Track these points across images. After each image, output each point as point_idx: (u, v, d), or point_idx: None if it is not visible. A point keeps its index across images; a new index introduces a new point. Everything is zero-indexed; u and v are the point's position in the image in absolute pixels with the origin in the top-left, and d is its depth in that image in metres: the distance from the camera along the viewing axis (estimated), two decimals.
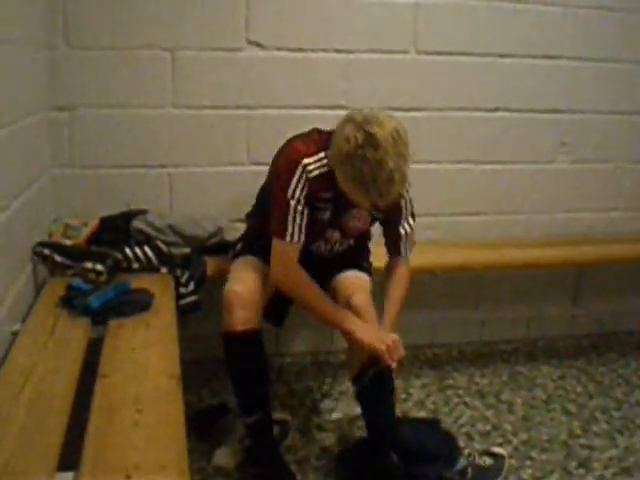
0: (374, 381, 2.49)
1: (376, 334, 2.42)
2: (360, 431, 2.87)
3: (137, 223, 2.97)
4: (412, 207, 2.61)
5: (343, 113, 2.35)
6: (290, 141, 2.54)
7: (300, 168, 2.39)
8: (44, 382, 1.91)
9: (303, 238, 2.44)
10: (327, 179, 2.38)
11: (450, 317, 3.81)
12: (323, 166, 2.39)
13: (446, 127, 3.52)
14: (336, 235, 2.62)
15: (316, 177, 2.39)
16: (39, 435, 1.64)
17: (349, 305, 2.51)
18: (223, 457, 2.66)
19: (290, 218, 2.41)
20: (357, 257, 2.78)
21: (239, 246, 2.81)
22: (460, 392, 3.34)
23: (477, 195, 3.67)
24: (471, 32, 3.42)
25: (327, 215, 2.52)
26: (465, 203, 3.66)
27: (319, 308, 2.48)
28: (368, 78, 3.33)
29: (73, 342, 2.18)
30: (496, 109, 3.56)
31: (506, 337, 3.92)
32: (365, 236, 2.84)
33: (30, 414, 1.74)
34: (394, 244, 2.64)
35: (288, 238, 2.42)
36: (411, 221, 2.62)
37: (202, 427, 2.85)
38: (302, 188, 2.40)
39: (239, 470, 2.63)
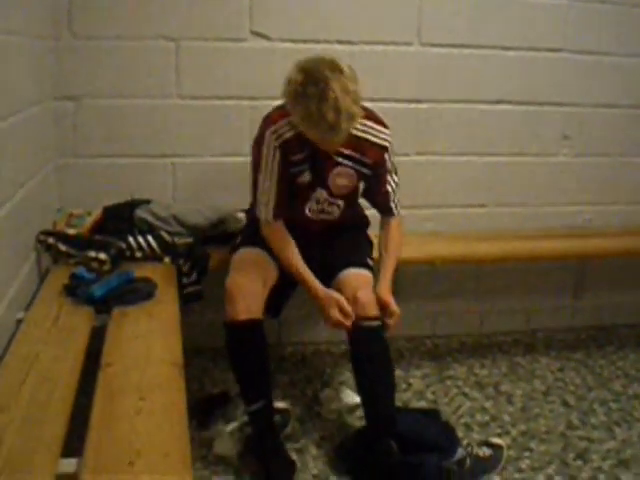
0: (369, 340, 2.58)
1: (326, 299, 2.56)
2: (360, 421, 2.88)
3: (140, 213, 2.99)
4: (394, 163, 2.69)
5: None
6: (262, 121, 2.67)
7: (267, 138, 2.52)
8: (48, 370, 1.93)
9: (276, 215, 2.59)
10: (297, 140, 2.48)
11: (450, 309, 3.83)
12: (290, 129, 2.48)
13: (448, 119, 3.53)
14: (324, 194, 2.66)
15: (285, 141, 2.50)
16: (43, 422, 1.66)
17: (355, 300, 2.56)
18: (224, 445, 2.67)
19: (260, 192, 2.59)
20: (360, 253, 2.80)
21: (239, 239, 2.85)
22: (459, 383, 3.36)
23: (478, 187, 3.68)
24: (474, 24, 3.42)
25: (307, 177, 2.59)
26: (466, 195, 3.67)
27: (301, 277, 2.62)
28: (371, 69, 3.33)
29: (76, 330, 2.20)
30: (498, 101, 3.57)
31: (506, 329, 3.94)
32: (363, 220, 2.89)
33: (34, 401, 1.75)
34: (383, 203, 2.74)
35: (263, 216, 2.61)
36: (395, 178, 2.71)
37: (203, 415, 2.87)
38: (272, 156, 2.52)
39: (240, 458, 2.65)
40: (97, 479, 1.47)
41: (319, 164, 2.56)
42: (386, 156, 2.64)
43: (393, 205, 2.73)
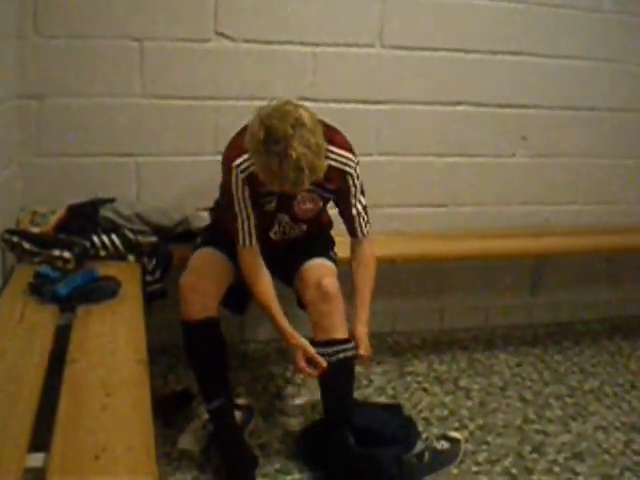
0: (338, 364, 2.57)
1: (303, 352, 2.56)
2: (322, 416, 2.93)
3: (105, 211, 3.00)
4: (361, 185, 2.66)
5: (310, 105, 2.39)
6: (228, 144, 2.62)
7: (233, 172, 2.48)
8: (14, 367, 1.95)
9: (255, 241, 2.58)
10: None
11: (411, 306, 3.89)
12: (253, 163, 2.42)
13: (410, 120, 3.57)
14: (285, 219, 2.67)
15: (250, 174, 2.44)
16: (10, 419, 1.68)
17: (319, 287, 2.58)
18: (188, 441, 2.70)
19: (238, 226, 2.55)
20: (323, 247, 2.84)
21: (199, 239, 2.87)
22: (419, 378, 3.42)
23: (439, 187, 3.73)
24: (435, 27, 3.47)
25: (273, 205, 2.59)
26: (427, 195, 3.72)
27: (271, 316, 2.62)
28: (334, 71, 3.37)
29: (42, 329, 2.22)
30: (459, 103, 3.63)
31: (465, 325, 4.01)
32: (325, 224, 2.91)
33: (0, 398, 1.77)
34: (350, 226, 2.72)
35: (241, 243, 2.57)
36: (362, 199, 2.69)
37: (166, 412, 2.89)
38: (242, 190, 2.50)
39: (204, 454, 2.68)
40: (64, 473, 1.49)
41: (285, 194, 2.51)
42: (350, 181, 2.61)
43: (359, 228, 2.70)
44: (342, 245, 2.86)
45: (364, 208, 2.70)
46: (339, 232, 2.89)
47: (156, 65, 3.15)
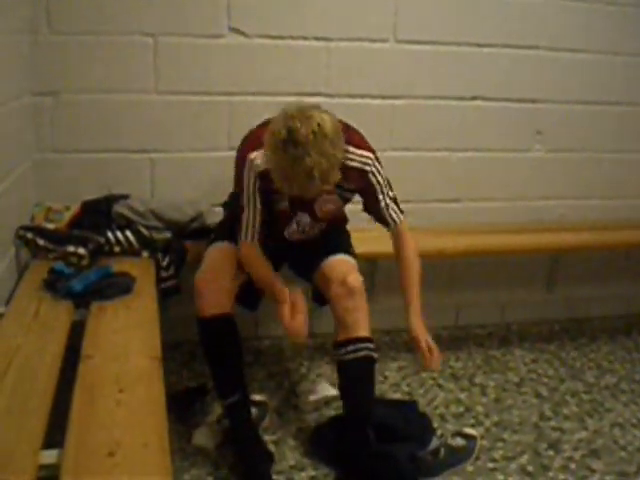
0: (359, 362, 2.57)
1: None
2: (337, 412, 2.93)
3: (119, 207, 3.00)
4: (386, 180, 2.64)
5: (323, 100, 2.39)
6: (247, 135, 2.63)
7: (248, 164, 2.49)
8: (28, 364, 1.95)
9: (256, 237, 2.58)
10: None
11: (426, 302, 3.83)
12: None
13: (424, 115, 3.56)
14: (305, 219, 2.67)
15: (265, 170, 2.43)
16: (24, 415, 1.69)
17: (345, 283, 2.58)
18: (202, 437, 2.70)
19: (244, 218, 2.56)
20: (342, 243, 2.83)
21: (213, 234, 2.87)
22: (435, 375, 3.40)
23: (454, 182, 3.72)
24: (450, 21, 3.46)
25: (285, 204, 2.58)
26: (442, 190, 3.71)
27: (266, 280, 2.65)
28: (348, 66, 3.36)
29: (56, 325, 2.23)
30: (474, 98, 3.61)
31: (480, 322, 3.99)
32: (341, 220, 2.90)
33: (15, 395, 1.78)
34: (380, 218, 2.69)
35: (243, 237, 2.58)
36: (390, 193, 2.66)
37: (181, 408, 2.90)
38: (254, 184, 2.51)
39: (218, 450, 2.68)
40: (78, 470, 1.50)
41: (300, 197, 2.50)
42: (371, 179, 2.58)
43: (389, 217, 2.67)
44: (358, 241, 2.87)
45: (393, 200, 2.68)
46: (354, 228, 2.89)
47: (170, 61, 3.16)
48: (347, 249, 2.81)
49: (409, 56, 3.45)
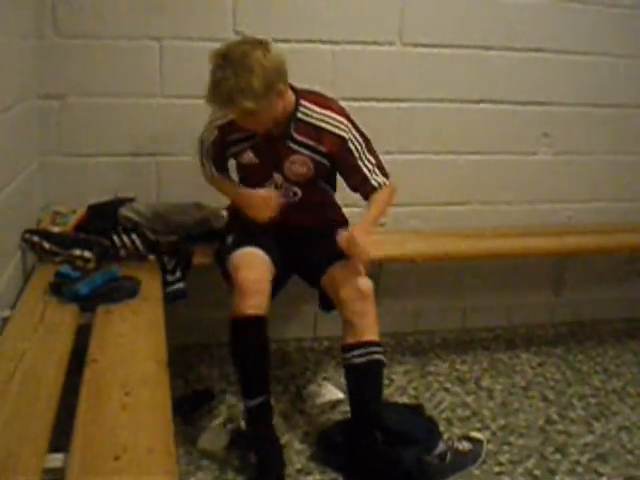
0: (367, 366, 2.57)
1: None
2: (343, 416, 2.93)
3: (125, 211, 3.00)
4: (365, 144, 2.67)
5: None
6: None
7: (209, 120, 2.74)
8: (34, 367, 1.95)
9: (214, 169, 2.84)
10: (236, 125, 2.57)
11: (432, 305, 3.87)
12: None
13: (430, 118, 3.56)
14: (279, 179, 2.71)
15: (223, 124, 2.66)
16: (30, 419, 1.68)
17: (355, 286, 2.59)
18: (208, 441, 2.70)
19: (203, 153, 2.86)
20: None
21: (231, 238, 2.82)
22: (441, 378, 3.40)
23: (460, 185, 3.71)
24: (456, 25, 3.45)
25: (249, 156, 2.69)
26: (448, 193, 3.71)
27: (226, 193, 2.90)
28: (354, 69, 3.37)
29: (62, 328, 2.23)
30: (480, 101, 3.60)
31: (487, 325, 3.98)
32: (340, 222, 2.89)
33: (21, 399, 1.78)
34: (364, 186, 2.71)
35: (202, 170, 2.90)
36: (370, 157, 2.69)
37: (187, 411, 2.89)
38: (210, 132, 2.75)
39: (224, 453, 2.67)
40: (84, 474, 1.49)
41: (267, 150, 2.63)
42: (350, 146, 2.62)
43: (375, 181, 2.69)
44: None
45: (376, 165, 2.71)
46: None
47: (175, 64, 3.16)
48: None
49: (415, 59, 3.45)
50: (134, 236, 2.88)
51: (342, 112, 2.65)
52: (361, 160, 2.66)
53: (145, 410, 1.77)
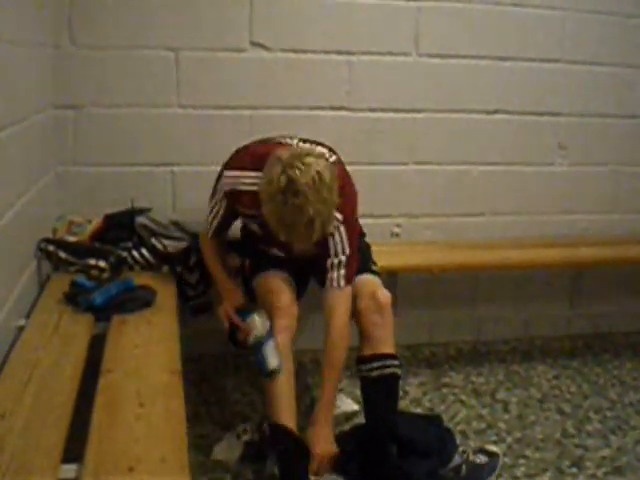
0: (383, 379, 2.56)
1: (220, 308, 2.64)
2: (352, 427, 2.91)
3: (141, 219, 3.01)
4: (344, 245, 2.53)
5: (345, 114, 2.39)
6: (236, 151, 2.68)
7: (222, 179, 2.58)
8: (48, 377, 1.95)
9: (214, 236, 2.72)
10: (250, 198, 2.47)
11: (448, 316, 3.85)
12: (248, 185, 2.48)
13: (446, 128, 3.56)
14: (280, 254, 2.68)
15: (233, 192, 2.53)
16: (44, 429, 1.68)
17: (374, 298, 2.58)
18: (222, 452, 2.69)
19: (210, 218, 2.69)
20: (365, 261, 2.76)
21: (249, 262, 2.82)
22: (456, 391, 3.38)
23: (476, 196, 3.71)
24: (471, 35, 3.46)
25: (257, 228, 2.61)
26: (464, 204, 3.70)
27: (217, 280, 2.77)
28: (370, 80, 3.37)
29: (77, 338, 2.23)
30: (495, 111, 3.60)
31: (503, 337, 3.95)
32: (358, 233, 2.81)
33: (35, 408, 1.78)
34: (324, 275, 2.58)
35: (204, 229, 2.74)
36: (343, 257, 2.53)
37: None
38: (221, 198, 2.60)
39: (237, 465, 2.66)
40: None
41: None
42: (329, 239, 2.50)
43: (331, 279, 2.54)
44: (377, 255, 2.86)
45: (345, 264, 2.54)
46: (373, 242, 2.88)
47: (192, 75, 3.18)
48: (370, 267, 2.78)
49: (431, 70, 3.45)
50: (144, 251, 2.89)
51: (343, 206, 2.44)
52: (335, 250, 2.53)
53: (159, 421, 1.77)
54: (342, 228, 2.51)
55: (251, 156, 2.55)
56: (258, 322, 2.57)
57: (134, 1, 3.05)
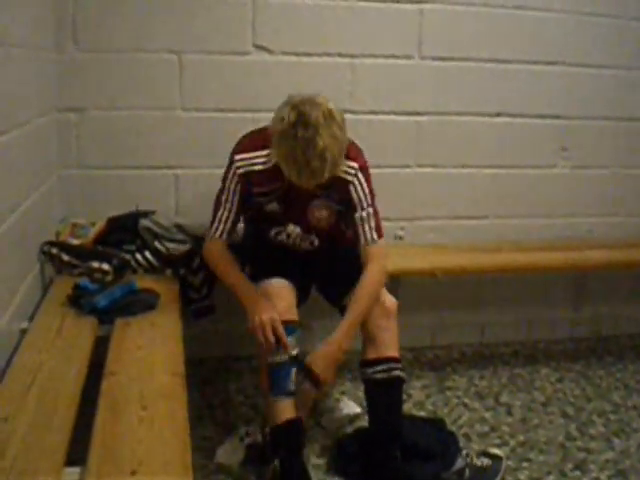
0: (387, 382, 2.56)
1: (266, 316, 2.46)
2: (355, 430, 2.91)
3: (145, 222, 3.01)
4: (368, 197, 2.57)
5: (348, 117, 2.39)
6: (240, 138, 2.66)
7: (233, 165, 2.55)
8: (52, 379, 1.96)
9: (226, 235, 2.62)
10: (266, 174, 2.48)
11: (451, 319, 3.84)
12: (262, 163, 2.50)
13: (449, 131, 3.55)
14: (296, 230, 2.65)
15: (248, 173, 2.51)
16: (47, 431, 1.68)
17: (381, 303, 2.57)
18: (225, 455, 2.69)
19: (217, 215, 2.60)
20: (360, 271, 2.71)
21: (250, 268, 2.77)
22: (459, 394, 3.38)
23: (478, 199, 3.70)
24: (473, 38, 3.46)
25: (275, 206, 2.58)
26: (466, 207, 3.70)
27: (236, 289, 2.59)
28: (372, 82, 3.37)
29: (80, 340, 2.23)
30: (498, 114, 3.60)
31: (506, 340, 3.95)
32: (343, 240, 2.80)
33: (38, 411, 1.78)
34: (356, 235, 2.60)
35: (212, 233, 2.63)
36: (370, 209, 2.57)
37: None
38: (235, 184, 2.56)
39: (240, 468, 2.66)
40: None
41: (292, 198, 2.51)
42: (351, 189, 2.54)
43: (363, 233, 2.57)
44: None
45: (373, 216, 2.59)
46: None
47: (195, 78, 3.18)
48: None
49: (434, 73, 3.45)
50: (147, 254, 2.89)
51: (355, 155, 2.54)
52: (359, 209, 2.56)
53: (162, 424, 1.77)
54: (360, 175, 2.55)
55: (259, 137, 2.54)
56: (296, 342, 2.59)
57: (137, 4, 3.05)
